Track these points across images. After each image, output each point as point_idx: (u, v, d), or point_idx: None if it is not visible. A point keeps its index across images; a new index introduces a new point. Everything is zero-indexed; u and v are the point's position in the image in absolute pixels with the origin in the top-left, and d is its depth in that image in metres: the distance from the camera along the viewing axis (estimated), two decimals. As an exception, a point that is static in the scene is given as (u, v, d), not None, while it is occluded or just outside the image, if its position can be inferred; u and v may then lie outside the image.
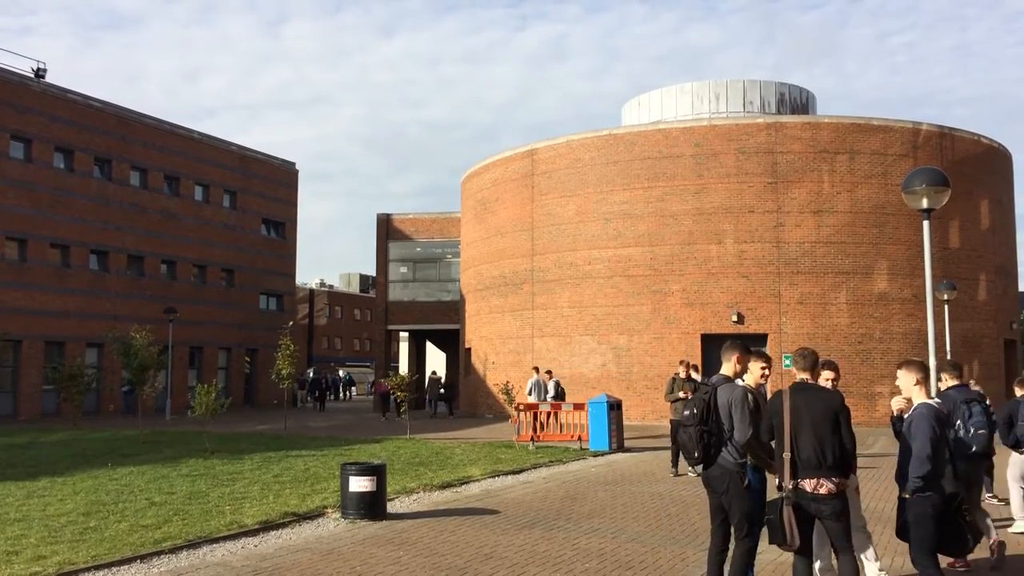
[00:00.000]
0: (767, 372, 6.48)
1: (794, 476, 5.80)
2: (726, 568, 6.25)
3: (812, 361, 6.18)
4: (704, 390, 6.28)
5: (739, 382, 6.32)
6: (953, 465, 6.94)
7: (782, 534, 5.74)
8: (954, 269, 27.68)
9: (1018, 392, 9.92)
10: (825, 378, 6.51)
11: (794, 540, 5.75)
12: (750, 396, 6.35)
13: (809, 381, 6.12)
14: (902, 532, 5.81)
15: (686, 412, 6.21)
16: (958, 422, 8.15)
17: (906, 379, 5.93)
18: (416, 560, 8.12)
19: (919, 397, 5.83)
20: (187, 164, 39.46)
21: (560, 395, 22.67)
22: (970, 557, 6.22)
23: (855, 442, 5.90)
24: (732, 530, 6.20)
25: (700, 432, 6.04)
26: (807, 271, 26.92)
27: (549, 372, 24.05)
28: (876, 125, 27.83)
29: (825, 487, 5.74)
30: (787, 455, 5.83)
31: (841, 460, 5.80)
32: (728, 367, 6.36)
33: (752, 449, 6.27)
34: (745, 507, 6.08)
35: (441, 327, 40.08)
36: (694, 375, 15.56)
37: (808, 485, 5.77)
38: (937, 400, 6.02)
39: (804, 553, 5.93)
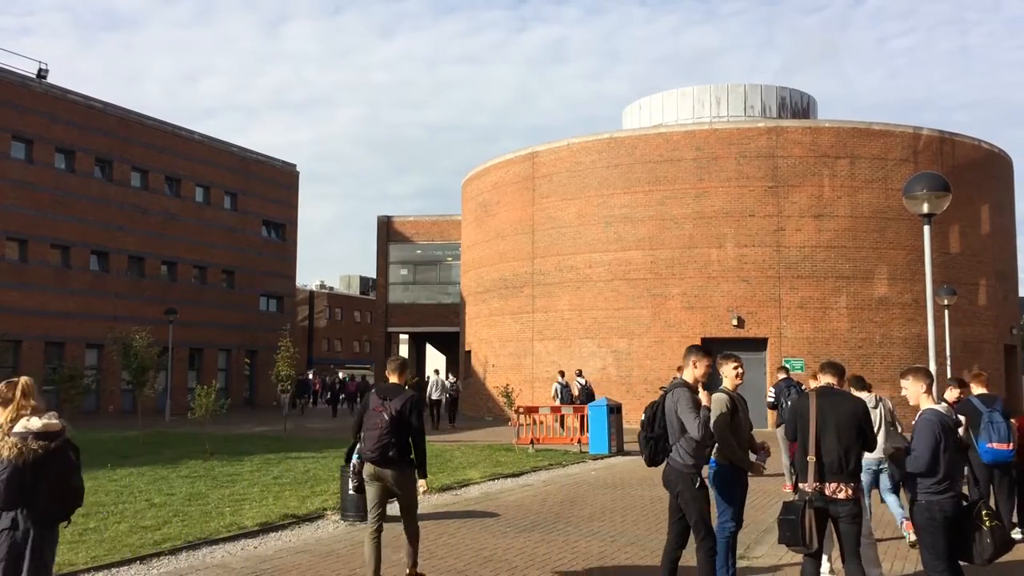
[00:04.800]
0: (741, 371, 6.73)
1: (818, 479, 5.82)
2: (697, 566, 6.32)
3: (843, 371, 6.25)
4: (661, 397, 6.49)
5: (876, 402, 6.50)
6: (973, 472, 6.94)
7: (801, 536, 5.73)
8: (954, 274, 27.68)
9: (780, 376, 13.25)
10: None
11: (812, 543, 5.75)
12: (728, 398, 6.57)
13: (835, 387, 6.13)
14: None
15: (643, 417, 6.44)
16: (783, 400, 12.53)
17: (913, 387, 5.93)
18: (415, 563, 8.10)
19: (926, 403, 5.86)
20: (188, 165, 39.49)
21: (454, 394, 27.89)
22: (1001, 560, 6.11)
23: (875, 445, 5.90)
24: (672, 525, 6.37)
25: (645, 437, 6.45)
26: (807, 275, 26.92)
27: (448, 372, 30.52)
28: (877, 130, 27.85)
29: (844, 492, 5.78)
30: (812, 458, 5.84)
31: (861, 467, 5.84)
32: (687, 372, 6.45)
33: (731, 451, 6.47)
34: (700, 508, 6.15)
35: (441, 329, 40.10)
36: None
37: (828, 489, 5.81)
38: (944, 406, 6.01)
39: (814, 555, 5.94)
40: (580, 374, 24.48)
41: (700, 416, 6.10)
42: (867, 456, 9.74)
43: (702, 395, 6.27)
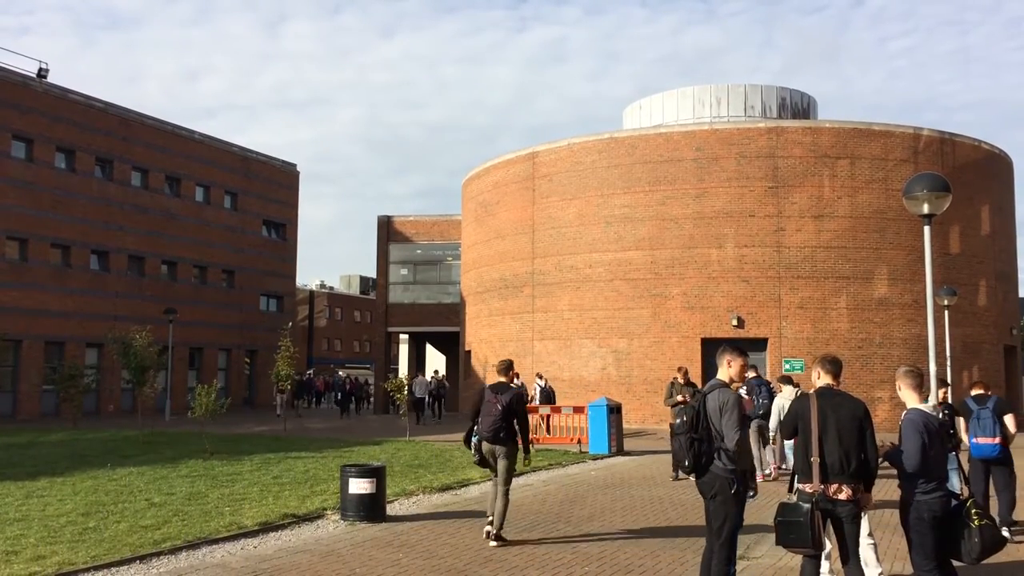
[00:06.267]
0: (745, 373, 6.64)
1: (822, 480, 5.82)
2: None
3: (840, 366, 6.23)
4: (697, 398, 6.34)
5: (743, 386, 6.38)
6: (962, 470, 6.96)
7: (809, 538, 5.69)
8: (954, 275, 27.68)
9: (750, 374, 14.02)
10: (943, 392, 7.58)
11: (821, 544, 5.73)
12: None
13: (834, 387, 6.12)
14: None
15: (677, 420, 6.29)
16: (754, 397, 13.79)
17: (897, 386, 6.04)
18: (415, 562, 8.12)
19: (911, 402, 5.89)
20: (188, 165, 39.49)
21: (440, 393, 31.47)
22: (988, 562, 6.14)
23: (877, 451, 5.89)
24: (711, 533, 6.24)
25: (690, 440, 6.12)
26: (807, 276, 26.92)
27: (436, 371, 34.02)
28: (877, 130, 27.85)
29: (845, 492, 5.77)
30: (816, 459, 5.82)
31: (862, 468, 5.82)
32: (723, 371, 6.40)
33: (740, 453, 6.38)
34: (729, 513, 6.11)
35: (441, 329, 40.07)
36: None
37: (829, 489, 5.80)
38: (930, 405, 6.03)
39: (814, 556, 5.93)
40: (540, 376, 25.13)
41: (741, 432, 6.06)
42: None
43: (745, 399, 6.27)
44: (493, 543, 8.86)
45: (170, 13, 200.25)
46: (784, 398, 12.84)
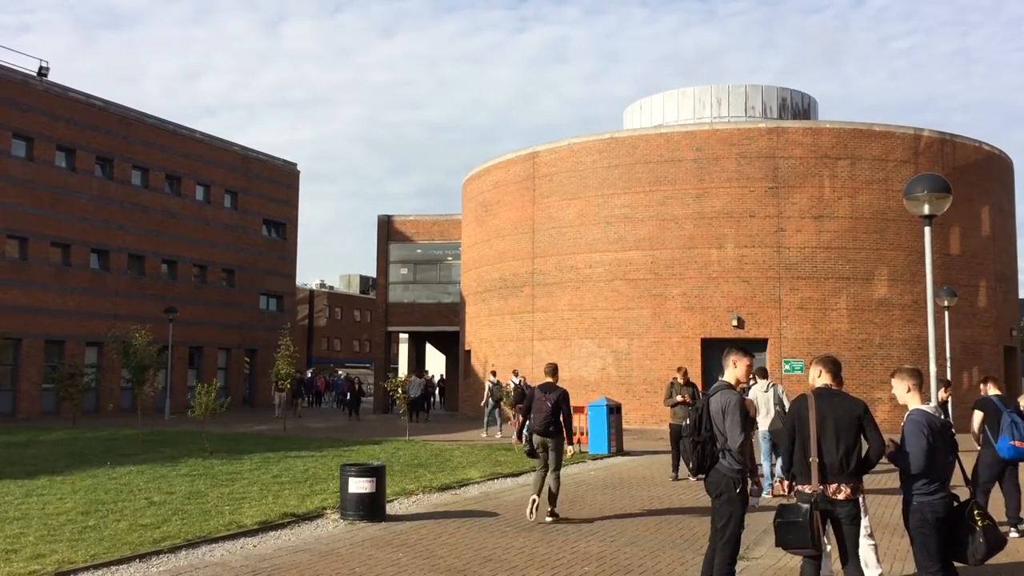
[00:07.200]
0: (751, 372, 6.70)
1: (821, 481, 5.81)
2: None
3: (839, 366, 6.23)
4: (701, 400, 6.45)
5: (767, 387, 6.47)
6: (963, 470, 6.95)
7: (808, 539, 5.68)
8: (955, 275, 27.67)
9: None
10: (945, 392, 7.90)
11: (819, 545, 5.72)
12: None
13: (832, 387, 6.12)
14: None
15: (687, 422, 6.39)
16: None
17: (899, 387, 6.00)
18: (415, 562, 8.12)
19: (913, 403, 5.88)
20: (188, 164, 39.48)
21: (427, 393, 32.75)
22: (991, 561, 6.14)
23: (883, 445, 5.87)
24: (714, 532, 6.27)
25: (693, 443, 6.27)
26: (808, 276, 26.91)
27: (425, 372, 35.85)
28: (877, 131, 27.84)
29: (844, 492, 5.77)
30: (814, 460, 5.81)
31: (860, 466, 5.82)
32: (729, 372, 6.41)
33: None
34: (734, 512, 6.14)
35: (441, 329, 40.06)
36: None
37: (829, 490, 5.79)
38: (933, 405, 6.02)
39: (814, 556, 5.92)
40: (516, 373, 25.33)
41: (745, 433, 6.10)
42: (762, 428, 12.32)
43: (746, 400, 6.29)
44: (548, 519, 10.21)
45: (170, 12, 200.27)
46: (757, 391, 12.50)
